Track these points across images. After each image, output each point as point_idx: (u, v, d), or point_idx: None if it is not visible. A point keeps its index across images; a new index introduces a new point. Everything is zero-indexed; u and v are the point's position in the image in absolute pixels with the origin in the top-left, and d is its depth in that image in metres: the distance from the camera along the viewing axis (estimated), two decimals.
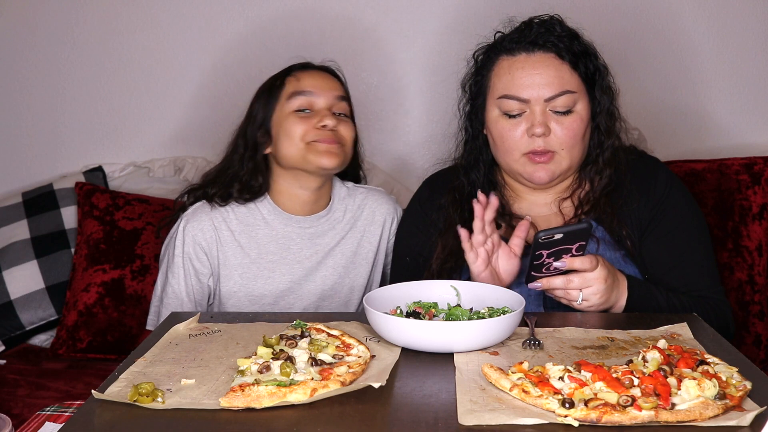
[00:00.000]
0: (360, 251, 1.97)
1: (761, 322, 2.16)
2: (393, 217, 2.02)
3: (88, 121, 2.63)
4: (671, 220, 1.67)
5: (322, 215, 1.94)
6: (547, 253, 1.42)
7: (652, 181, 1.70)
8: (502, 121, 1.67)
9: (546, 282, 1.47)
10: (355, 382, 1.14)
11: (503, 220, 1.73)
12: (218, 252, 1.88)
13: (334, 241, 1.95)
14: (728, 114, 2.50)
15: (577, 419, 1.01)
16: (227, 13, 2.55)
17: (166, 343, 1.35)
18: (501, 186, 1.79)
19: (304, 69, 1.93)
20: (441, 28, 2.51)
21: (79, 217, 2.43)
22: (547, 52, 1.65)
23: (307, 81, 1.88)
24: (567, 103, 1.63)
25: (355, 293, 1.97)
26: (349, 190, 2.01)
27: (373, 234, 1.99)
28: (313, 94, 1.87)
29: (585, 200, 1.70)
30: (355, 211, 1.99)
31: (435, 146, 2.49)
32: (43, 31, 2.59)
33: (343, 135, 1.87)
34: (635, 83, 2.44)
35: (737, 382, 1.09)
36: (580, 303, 1.48)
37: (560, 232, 1.40)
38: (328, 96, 1.88)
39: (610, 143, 1.70)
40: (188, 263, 1.88)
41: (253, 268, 1.89)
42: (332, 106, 1.88)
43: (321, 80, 1.90)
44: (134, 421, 1.05)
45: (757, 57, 2.48)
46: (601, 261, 1.47)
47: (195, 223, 1.87)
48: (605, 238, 1.66)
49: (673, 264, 1.65)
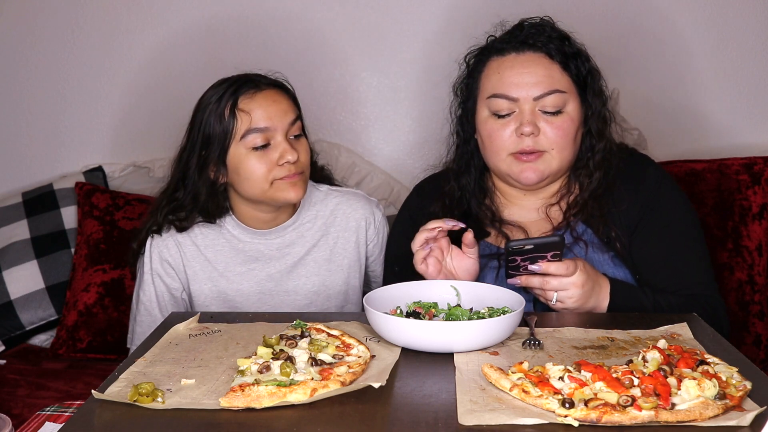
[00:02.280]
0: (334, 258, 1.90)
1: (761, 322, 2.16)
2: (370, 220, 1.94)
3: (88, 121, 2.63)
4: (661, 218, 1.66)
5: (288, 225, 1.88)
6: (520, 258, 1.45)
7: (641, 179, 1.69)
8: (491, 121, 1.66)
9: (524, 279, 1.49)
10: (355, 382, 1.14)
11: (493, 227, 1.72)
12: (185, 267, 1.86)
13: (304, 250, 1.89)
14: (728, 114, 2.50)
15: (577, 419, 1.01)
16: (227, 13, 2.55)
17: (166, 343, 1.35)
18: (491, 192, 1.78)
19: (253, 96, 1.77)
20: (441, 28, 2.51)
21: (79, 217, 2.43)
22: (537, 52, 1.64)
23: (259, 113, 1.75)
24: (556, 102, 1.62)
25: (332, 301, 1.91)
26: (323, 194, 1.94)
27: (348, 240, 1.92)
28: (269, 130, 1.75)
29: (573, 204, 1.70)
30: (327, 217, 1.91)
31: (435, 147, 2.48)
32: (43, 31, 2.59)
33: (302, 161, 1.79)
34: (635, 83, 2.44)
35: (737, 382, 1.09)
36: (554, 304, 1.49)
37: (531, 243, 1.43)
38: (283, 124, 1.76)
39: (601, 147, 1.69)
40: (158, 280, 1.86)
41: (222, 281, 1.86)
42: (288, 132, 1.78)
43: (273, 108, 1.76)
44: (134, 421, 1.05)
45: (756, 57, 2.48)
46: (581, 267, 1.47)
47: (160, 240, 1.85)
48: (593, 241, 1.65)
49: (664, 261, 1.63)
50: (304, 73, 2.53)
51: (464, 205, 1.76)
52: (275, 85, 1.82)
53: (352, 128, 2.58)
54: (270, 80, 1.83)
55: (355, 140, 2.57)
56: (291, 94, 1.84)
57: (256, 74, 1.83)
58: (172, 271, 1.86)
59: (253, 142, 1.75)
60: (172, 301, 1.87)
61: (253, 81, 1.80)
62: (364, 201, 1.95)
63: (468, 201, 1.76)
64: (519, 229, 1.71)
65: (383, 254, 1.95)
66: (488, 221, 1.73)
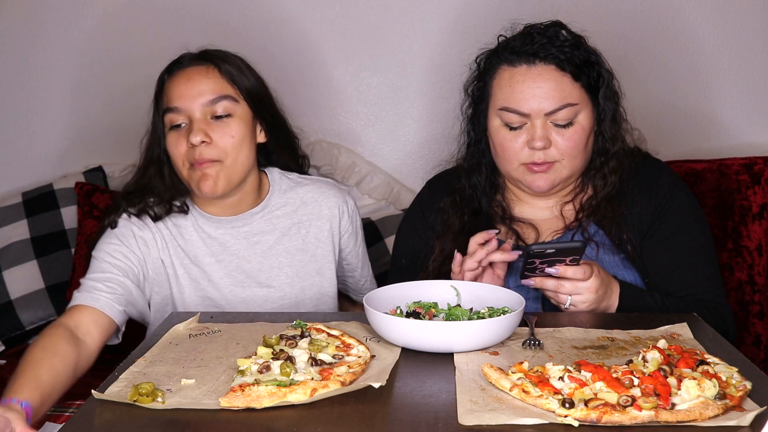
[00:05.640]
0: (307, 248, 1.82)
1: (761, 322, 2.16)
2: (343, 208, 1.85)
3: (88, 121, 2.63)
4: (673, 223, 1.67)
5: (255, 212, 1.79)
6: (539, 261, 1.45)
7: (654, 184, 1.70)
8: (503, 131, 1.66)
9: (539, 281, 1.49)
10: (355, 382, 1.14)
11: (504, 224, 1.73)
12: (160, 252, 1.75)
13: (273, 238, 1.80)
14: (729, 114, 2.50)
15: (577, 419, 1.01)
16: (228, 15, 2.55)
17: (166, 343, 1.35)
18: (502, 189, 1.79)
19: (172, 74, 1.71)
20: (441, 29, 2.51)
21: (79, 217, 2.43)
22: (547, 64, 1.63)
23: (173, 92, 1.68)
24: (568, 115, 1.62)
25: (307, 293, 1.82)
26: (291, 182, 1.85)
27: (321, 229, 1.83)
28: (181, 110, 1.66)
29: (586, 205, 1.70)
30: (298, 206, 1.82)
31: (435, 147, 2.49)
32: (43, 30, 2.59)
33: (220, 147, 1.66)
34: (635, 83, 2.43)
35: (737, 382, 1.09)
36: (567, 308, 1.50)
37: (552, 247, 1.43)
38: (197, 103, 1.66)
39: (615, 150, 1.69)
40: (120, 245, 1.71)
41: (194, 269, 1.77)
42: (209, 113, 1.67)
43: (187, 86, 1.68)
44: (134, 421, 1.05)
45: (757, 57, 2.47)
46: (596, 271, 1.48)
47: (135, 219, 1.75)
48: (605, 242, 1.66)
49: (674, 266, 1.65)
50: (304, 72, 2.53)
51: (475, 203, 1.76)
52: (203, 60, 1.73)
53: (352, 128, 2.58)
54: (196, 56, 1.74)
55: (355, 140, 2.57)
56: (224, 70, 1.71)
57: (198, 49, 1.77)
58: (138, 248, 1.72)
59: (170, 120, 1.69)
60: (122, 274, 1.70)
61: (181, 59, 1.74)
62: (335, 189, 1.88)
63: (479, 199, 1.76)
64: (530, 227, 1.72)
65: (360, 246, 1.93)
66: (498, 218, 1.74)
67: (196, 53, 1.77)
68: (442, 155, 1.91)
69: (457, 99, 1.83)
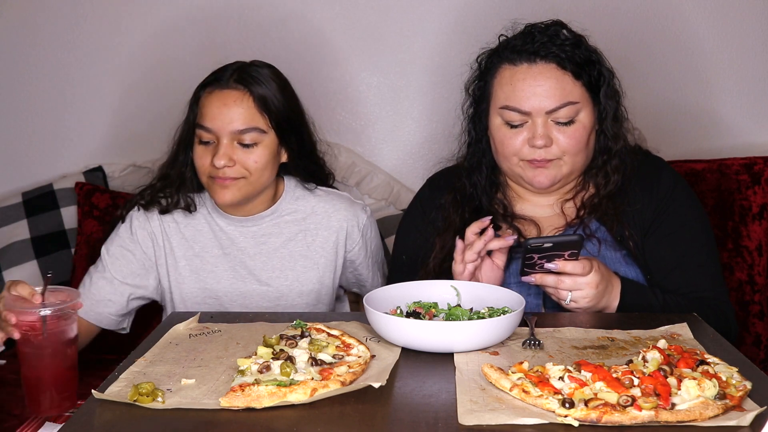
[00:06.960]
0: (310, 255, 1.88)
1: (761, 322, 2.16)
2: (353, 223, 1.90)
3: (88, 121, 2.63)
4: (674, 220, 1.67)
5: (265, 215, 1.88)
6: (538, 256, 1.45)
7: (655, 181, 1.70)
8: (503, 129, 1.67)
9: (539, 278, 1.49)
10: (355, 382, 1.14)
11: (505, 221, 1.73)
12: (164, 243, 1.88)
13: (279, 242, 1.88)
14: (729, 114, 2.50)
15: (577, 419, 1.01)
16: (228, 13, 2.55)
17: (166, 342, 1.35)
18: (503, 187, 1.79)
19: (209, 91, 1.79)
20: (441, 29, 2.51)
21: (79, 217, 2.43)
22: (548, 63, 1.63)
23: (206, 111, 1.77)
24: (569, 114, 1.63)
25: (304, 298, 1.88)
26: (306, 191, 1.92)
27: (326, 239, 1.89)
28: (211, 131, 1.76)
29: (588, 202, 1.71)
30: (308, 214, 1.89)
31: (435, 147, 2.49)
32: (43, 31, 2.59)
33: (247, 165, 1.76)
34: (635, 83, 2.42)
35: (737, 382, 1.09)
36: (568, 303, 1.49)
37: (550, 241, 1.43)
38: (227, 131, 1.75)
39: (618, 149, 1.69)
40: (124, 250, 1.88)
41: (196, 261, 1.87)
42: (236, 139, 1.76)
43: (222, 110, 1.75)
44: (134, 421, 1.05)
45: (758, 56, 2.47)
46: (596, 266, 1.48)
47: (143, 213, 1.89)
48: (607, 239, 1.66)
49: (675, 264, 1.65)
50: (304, 72, 2.52)
51: (475, 201, 1.77)
52: (239, 82, 1.78)
53: (352, 128, 2.58)
54: (233, 76, 1.79)
55: (355, 140, 2.57)
56: (257, 97, 1.77)
57: (238, 67, 1.82)
58: (143, 246, 1.87)
59: (199, 135, 1.79)
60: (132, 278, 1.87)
61: (222, 78, 1.80)
62: (348, 203, 1.92)
63: (479, 197, 1.77)
64: (531, 224, 1.72)
65: (370, 258, 1.96)
66: (500, 216, 1.74)
67: (234, 70, 1.80)
68: (442, 155, 1.91)
69: (457, 99, 1.83)
